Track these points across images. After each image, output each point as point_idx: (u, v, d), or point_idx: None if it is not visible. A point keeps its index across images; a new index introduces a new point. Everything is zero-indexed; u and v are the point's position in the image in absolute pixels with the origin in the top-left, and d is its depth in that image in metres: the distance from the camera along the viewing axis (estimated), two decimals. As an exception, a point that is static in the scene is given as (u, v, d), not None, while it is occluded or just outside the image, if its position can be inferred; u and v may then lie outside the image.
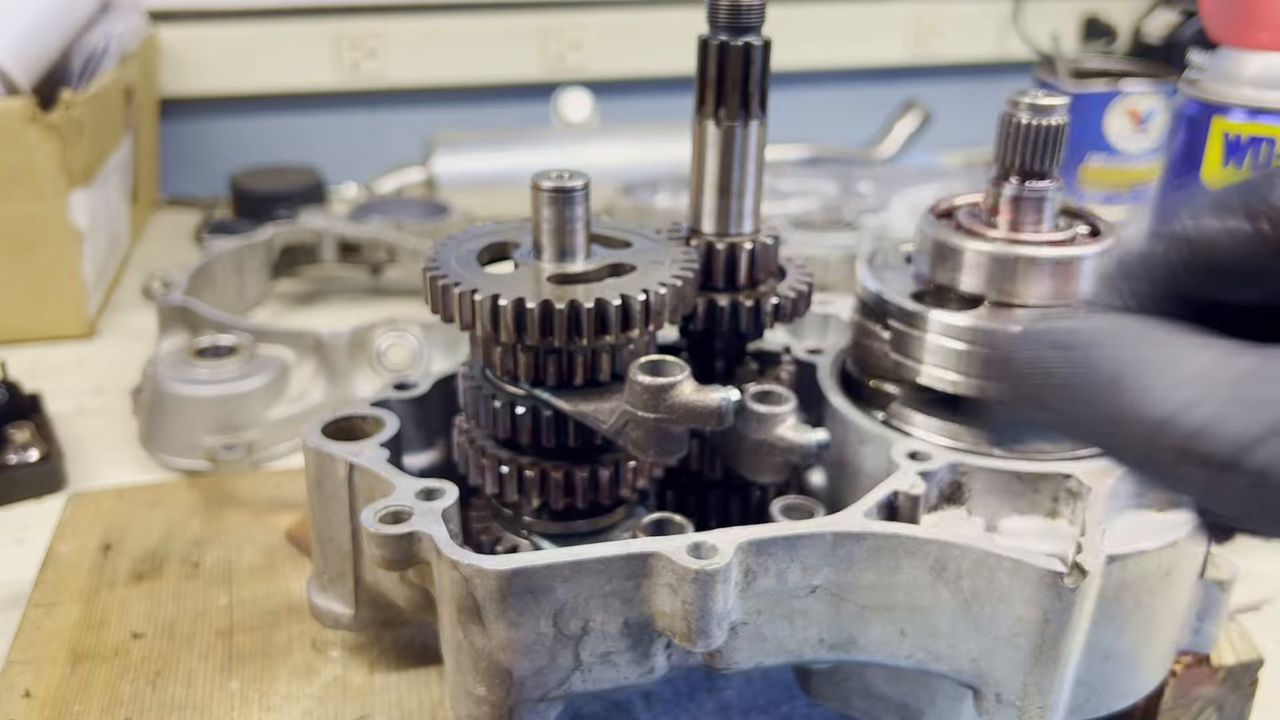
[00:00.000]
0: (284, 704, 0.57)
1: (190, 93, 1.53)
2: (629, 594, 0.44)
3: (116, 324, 1.13)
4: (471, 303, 0.49)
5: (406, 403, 0.61)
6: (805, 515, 0.50)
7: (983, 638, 0.46)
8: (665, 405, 0.47)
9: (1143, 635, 0.49)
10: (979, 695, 0.48)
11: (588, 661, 0.45)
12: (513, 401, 0.52)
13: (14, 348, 1.04)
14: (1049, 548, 0.47)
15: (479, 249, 0.54)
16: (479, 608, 0.44)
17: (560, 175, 0.51)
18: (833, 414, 0.56)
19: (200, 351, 0.86)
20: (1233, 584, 0.53)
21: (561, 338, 0.49)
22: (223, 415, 0.83)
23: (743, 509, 0.59)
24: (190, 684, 0.59)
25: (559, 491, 0.53)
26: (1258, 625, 0.68)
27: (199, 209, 1.46)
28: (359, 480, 0.53)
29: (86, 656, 0.61)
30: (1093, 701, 0.49)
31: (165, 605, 0.65)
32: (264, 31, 1.53)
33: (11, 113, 0.98)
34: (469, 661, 0.45)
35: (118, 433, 0.90)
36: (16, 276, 1.04)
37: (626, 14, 1.62)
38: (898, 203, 1.27)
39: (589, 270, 0.52)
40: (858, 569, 0.46)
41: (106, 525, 0.73)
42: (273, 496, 0.77)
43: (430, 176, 1.37)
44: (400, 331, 0.89)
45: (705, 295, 0.56)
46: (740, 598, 0.45)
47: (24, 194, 1.01)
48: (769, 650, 0.47)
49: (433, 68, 1.60)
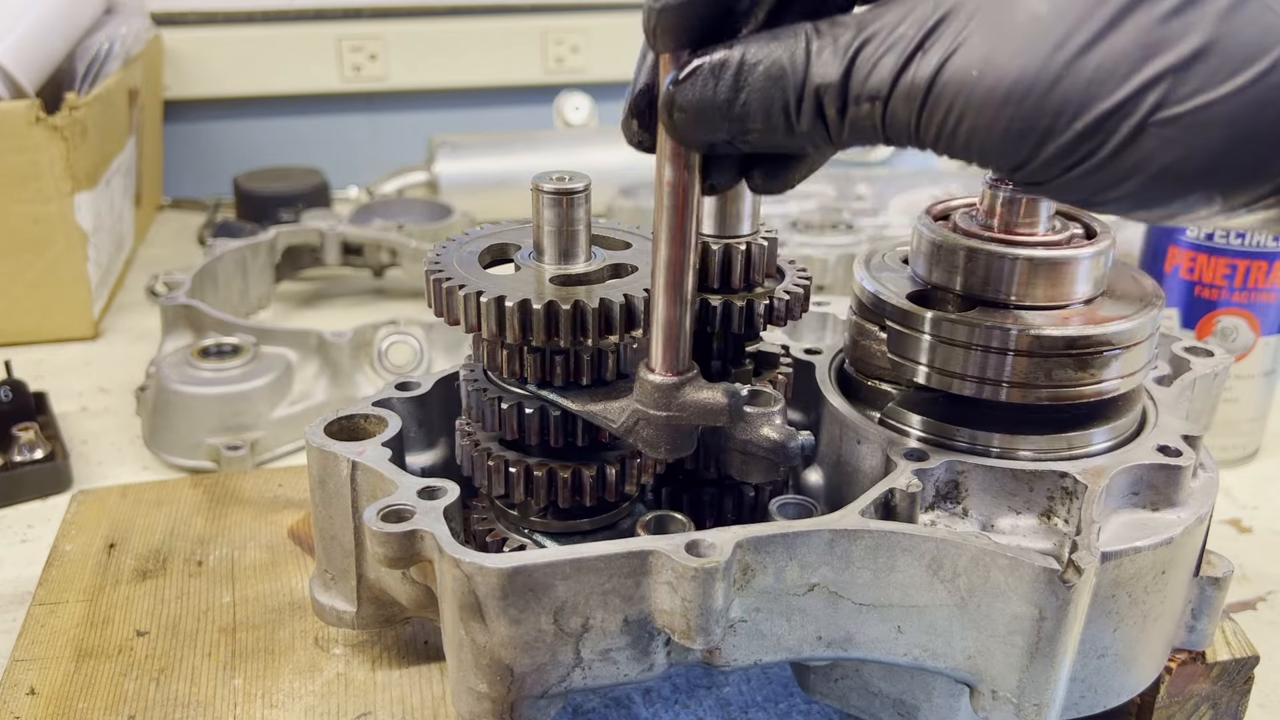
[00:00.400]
0: (287, 701, 0.58)
1: (194, 95, 1.54)
2: (629, 592, 0.45)
3: (121, 324, 1.13)
4: (476, 304, 0.49)
5: (408, 402, 0.61)
6: (803, 514, 0.51)
7: (979, 635, 0.47)
8: (676, 403, 0.47)
9: (1138, 633, 0.49)
10: (975, 692, 0.49)
11: (588, 658, 0.46)
12: (520, 403, 0.53)
13: (19, 348, 1.04)
14: (1045, 546, 0.47)
15: (480, 251, 0.55)
16: (480, 605, 0.44)
17: (561, 177, 0.51)
18: (830, 413, 0.56)
19: (204, 352, 0.87)
20: (1227, 582, 0.53)
21: (567, 338, 0.49)
22: (226, 415, 0.84)
23: (737, 507, 0.59)
24: (194, 681, 0.59)
25: (566, 490, 0.53)
26: (1252, 623, 0.69)
27: (202, 210, 1.47)
28: (361, 479, 0.53)
29: (91, 654, 0.61)
30: (1088, 698, 0.50)
31: (169, 603, 0.66)
32: (267, 35, 1.54)
33: (16, 115, 0.99)
34: (470, 658, 0.46)
35: (122, 432, 0.90)
36: (22, 277, 1.05)
37: (626, 17, 1.63)
38: (895, 205, 1.28)
39: (591, 271, 0.52)
40: (855, 567, 0.47)
41: (111, 524, 0.74)
42: (276, 495, 0.77)
43: (432, 178, 1.37)
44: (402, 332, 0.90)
45: (702, 296, 0.56)
46: (739, 595, 0.46)
47: (29, 196, 1.02)
48: (767, 647, 0.48)
49: (434, 71, 1.61)
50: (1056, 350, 0.48)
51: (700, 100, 0.39)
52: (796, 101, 0.37)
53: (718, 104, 0.39)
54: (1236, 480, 0.85)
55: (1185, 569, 0.51)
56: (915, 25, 0.34)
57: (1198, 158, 0.30)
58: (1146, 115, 0.30)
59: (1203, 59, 0.29)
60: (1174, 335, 0.64)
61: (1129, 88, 0.30)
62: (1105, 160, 0.31)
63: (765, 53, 0.38)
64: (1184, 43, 0.29)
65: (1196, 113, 0.29)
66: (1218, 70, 0.29)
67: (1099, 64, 0.30)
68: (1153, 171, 0.31)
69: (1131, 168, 0.31)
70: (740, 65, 0.38)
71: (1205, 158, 0.30)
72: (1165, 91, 0.29)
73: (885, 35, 0.35)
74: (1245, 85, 0.29)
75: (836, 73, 0.36)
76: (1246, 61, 0.28)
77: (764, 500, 0.56)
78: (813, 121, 0.37)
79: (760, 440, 0.54)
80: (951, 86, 0.33)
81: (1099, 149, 0.31)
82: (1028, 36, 0.31)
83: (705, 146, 0.41)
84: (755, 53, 0.38)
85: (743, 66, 0.38)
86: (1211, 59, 0.29)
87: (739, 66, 0.38)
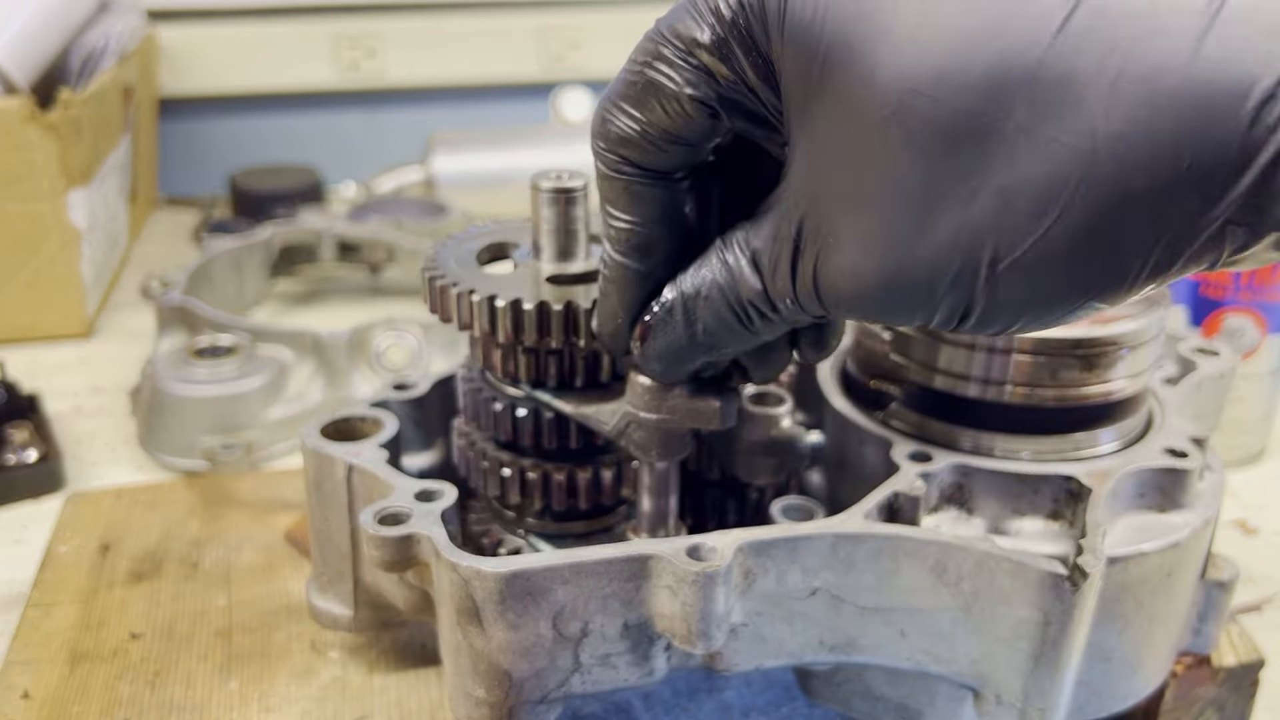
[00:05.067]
0: (283, 705, 0.57)
1: (189, 92, 1.53)
2: (629, 596, 0.44)
3: (115, 324, 1.13)
4: (469, 303, 0.49)
5: (405, 403, 0.61)
6: (805, 516, 0.50)
7: (983, 639, 0.46)
8: (667, 406, 0.46)
9: (1143, 636, 0.49)
10: (979, 697, 0.48)
11: (587, 663, 0.45)
12: (513, 404, 0.52)
13: (12, 348, 1.03)
14: (1050, 549, 0.47)
15: (478, 249, 0.54)
16: (478, 609, 0.44)
17: (560, 175, 0.51)
18: (833, 415, 0.56)
19: (199, 351, 0.86)
20: (1233, 585, 0.53)
21: (559, 339, 0.48)
22: (221, 415, 0.83)
23: (739, 510, 0.59)
24: (189, 685, 0.59)
25: (561, 493, 0.53)
26: (1258, 626, 0.68)
27: (198, 208, 1.46)
28: (358, 481, 0.53)
29: (85, 657, 0.60)
30: (1093, 703, 0.49)
31: (164, 606, 0.65)
32: (263, 31, 1.53)
33: (10, 112, 0.98)
34: (468, 663, 0.45)
35: (116, 433, 0.90)
36: (15, 276, 1.04)
37: (625, 13, 1.62)
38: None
39: (588, 271, 0.52)
40: (858, 571, 0.46)
41: (105, 525, 0.73)
42: (272, 497, 0.77)
43: (429, 176, 1.36)
44: (399, 331, 0.89)
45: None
46: (740, 599, 0.45)
47: (22, 193, 1.01)
48: (769, 652, 0.47)
49: (432, 67, 1.60)
50: (1062, 350, 0.48)
51: (666, 346, 0.42)
52: (743, 312, 0.40)
53: (682, 343, 0.42)
54: (1242, 481, 0.84)
55: (1192, 572, 0.50)
56: (789, 234, 0.37)
57: (1058, 287, 0.32)
58: (990, 268, 0.32)
59: (1010, 208, 0.31)
60: (1180, 335, 0.63)
61: (961, 255, 0.32)
62: (988, 308, 0.33)
63: (699, 281, 0.40)
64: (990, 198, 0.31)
65: (1031, 252, 0.31)
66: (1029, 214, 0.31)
67: (934, 240, 0.32)
68: (1034, 304, 0.33)
69: (1016, 306, 0.33)
70: (684, 302, 0.41)
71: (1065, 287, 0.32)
72: (995, 244, 0.32)
73: (770, 247, 0.38)
74: (1059, 218, 0.30)
75: (757, 283, 0.39)
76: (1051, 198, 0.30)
77: (766, 503, 0.55)
78: (764, 322, 0.40)
79: (770, 442, 0.53)
80: (831, 286, 0.36)
81: (973, 303, 0.33)
82: (868, 232, 0.34)
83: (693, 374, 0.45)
84: (690, 285, 0.41)
85: (685, 302, 0.41)
86: (1017, 205, 0.31)
87: (683, 304, 0.41)
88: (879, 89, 0.32)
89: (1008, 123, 0.30)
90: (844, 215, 0.35)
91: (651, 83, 0.37)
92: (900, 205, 0.33)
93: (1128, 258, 0.31)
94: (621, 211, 0.40)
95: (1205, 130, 0.28)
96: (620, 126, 0.38)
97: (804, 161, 0.36)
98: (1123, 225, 0.30)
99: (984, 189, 0.31)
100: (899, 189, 0.33)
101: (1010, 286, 0.32)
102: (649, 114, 0.37)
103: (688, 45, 0.36)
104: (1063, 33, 0.29)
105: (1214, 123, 0.28)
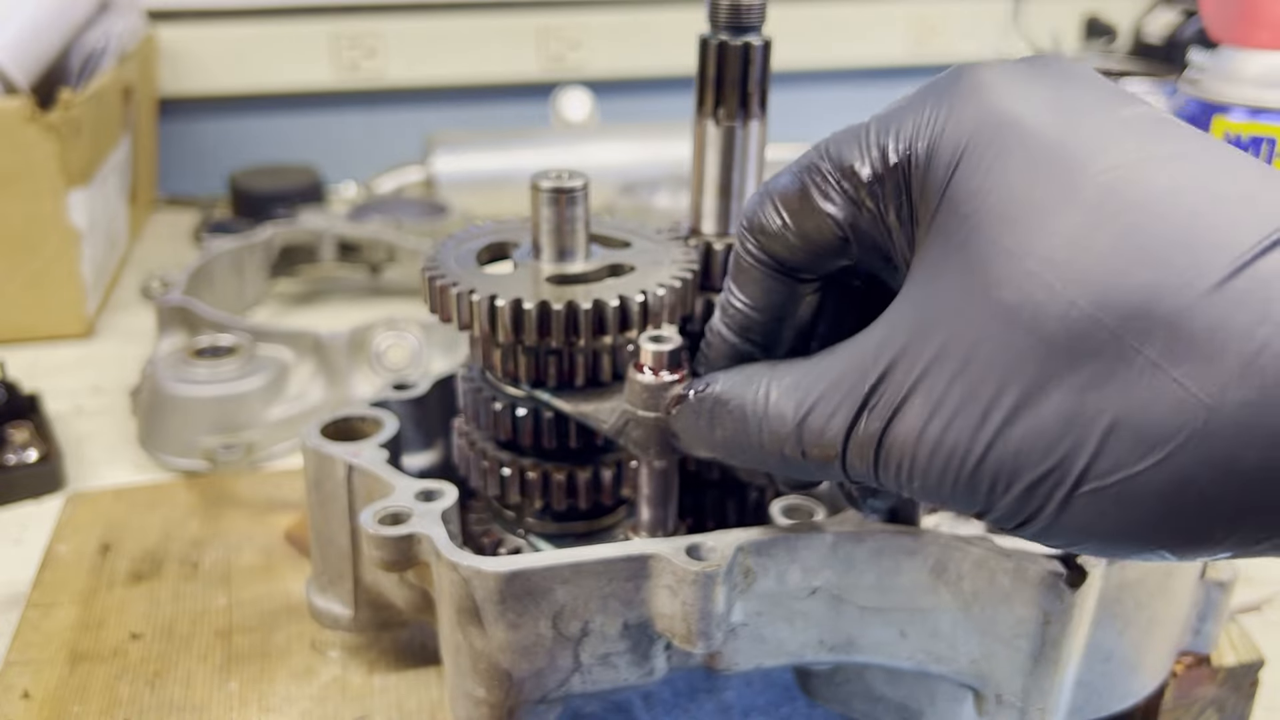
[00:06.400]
0: (283, 705, 0.57)
1: (189, 92, 1.53)
2: (629, 596, 0.44)
3: (115, 324, 1.13)
4: (469, 303, 0.49)
5: (405, 403, 0.61)
6: (805, 516, 0.50)
7: (983, 639, 0.46)
8: (665, 404, 0.46)
9: (1143, 636, 0.49)
10: (979, 696, 0.48)
11: (587, 663, 0.45)
12: (513, 403, 0.52)
13: (12, 348, 1.04)
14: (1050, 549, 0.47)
15: (478, 249, 0.54)
16: (478, 609, 0.44)
17: (560, 175, 0.51)
18: (833, 414, 0.55)
19: (199, 351, 0.86)
20: (1233, 585, 0.53)
21: (559, 338, 0.48)
22: (221, 415, 0.83)
23: (739, 510, 0.59)
24: (189, 685, 0.59)
25: (561, 493, 0.53)
26: (1258, 626, 0.68)
27: (198, 209, 1.46)
28: (358, 481, 0.53)
29: (85, 657, 0.60)
30: (1093, 703, 0.49)
31: (164, 606, 0.65)
32: (263, 31, 1.53)
33: (10, 112, 0.98)
34: (468, 663, 0.45)
35: (116, 433, 0.90)
36: (15, 276, 1.04)
37: (626, 13, 1.62)
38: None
39: (588, 271, 0.52)
40: (858, 570, 0.46)
41: (105, 525, 0.73)
42: (272, 497, 0.77)
43: (429, 176, 1.37)
44: (399, 331, 0.89)
45: (704, 296, 0.56)
46: (740, 599, 0.45)
47: (22, 194, 1.01)
48: (769, 652, 0.47)
49: (432, 67, 1.60)
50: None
51: (688, 428, 0.44)
52: (758, 444, 0.40)
53: (701, 434, 0.43)
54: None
55: (1191, 571, 0.50)
56: (859, 380, 0.36)
57: (1132, 528, 0.31)
58: (1072, 488, 0.31)
59: (1116, 435, 0.30)
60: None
61: (1049, 462, 0.31)
62: (1049, 524, 0.32)
63: (733, 393, 0.41)
64: (1099, 419, 0.30)
65: (1119, 486, 0.30)
66: (1133, 447, 0.30)
67: (1023, 436, 0.31)
68: (1097, 536, 0.32)
69: (1077, 531, 0.32)
70: (715, 401, 0.41)
71: (1139, 530, 0.31)
72: (1087, 464, 0.31)
73: (831, 392, 0.37)
74: (1160, 462, 0.29)
75: (791, 423, 0.38)
76: (1161, 440, 0.29)
77: (766, 503, 0.55)
78: (779, 460, 0.39)
79: None
80: (896, 449, 0.35)
81: (1038, 513, 0.32)
82: (959, 404, 0.33)
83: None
84: (726, 391, 0.41)
85: (716, 403, 0.41)
86: (1124, 435, 0.30)
87: (714, 402, 0.42)
88: (1023, 271, 0.31)
89: (1140, 352, 0.29)
90: (937, 380, 0.34)
91: (805, 190, 0.38)
92: (1003, 389, 0.32)
93: (1213, 524, 0.30)
94: (740, 291, 0.42)
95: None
96: (766, 217, 0.40)
97: (911, 313, 0.35)
98: (1222, 491, 0.29)
99: (1094, 406, 0.30)
100: (1008, 373, 0.32)
101: (1083, 512, 0.31)
102: (793, 215, 0.39)
103: (844, 172, 0.37)
104: (1224, 286, 0.28)
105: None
